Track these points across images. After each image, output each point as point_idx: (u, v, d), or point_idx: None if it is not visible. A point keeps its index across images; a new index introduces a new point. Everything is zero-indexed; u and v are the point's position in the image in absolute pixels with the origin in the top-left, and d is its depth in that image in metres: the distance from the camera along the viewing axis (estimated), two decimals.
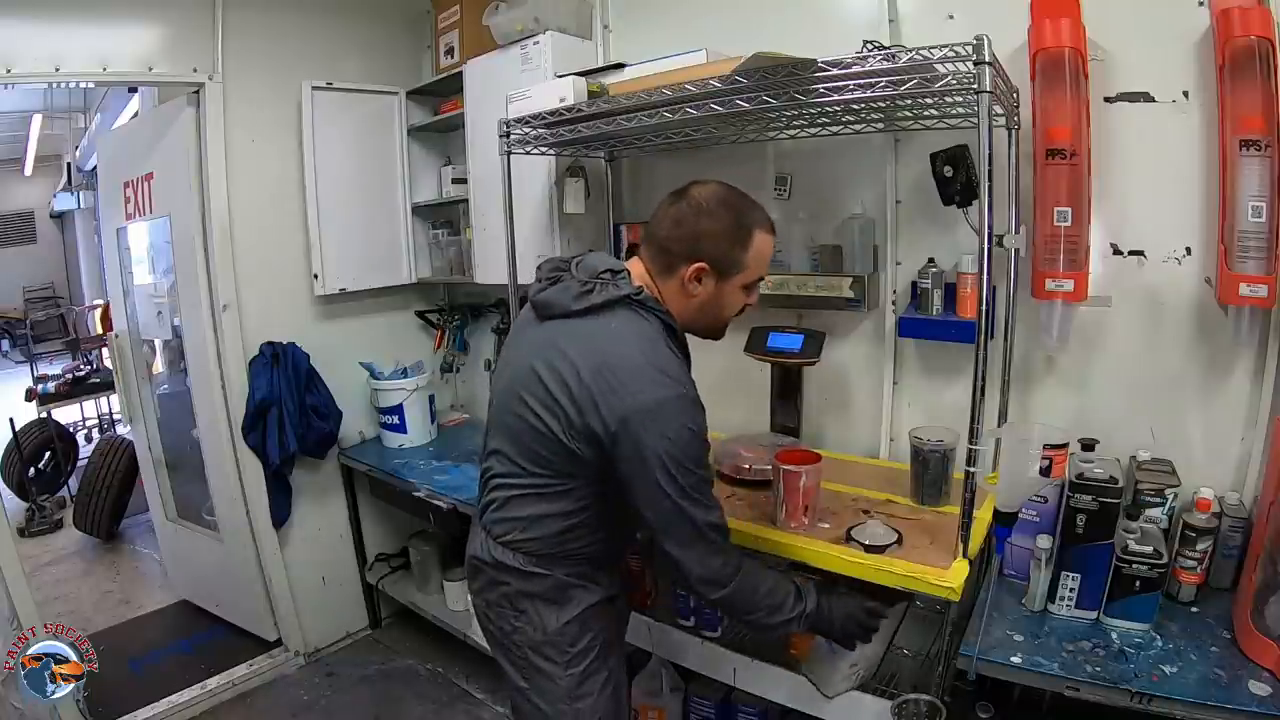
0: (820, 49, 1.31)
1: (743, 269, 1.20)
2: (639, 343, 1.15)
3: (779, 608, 1.22)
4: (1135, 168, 1.52)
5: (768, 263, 1.25)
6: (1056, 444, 1.42)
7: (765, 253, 1.23)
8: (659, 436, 1.09)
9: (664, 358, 1.15)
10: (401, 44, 2.74)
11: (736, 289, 1.23)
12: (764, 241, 1.22)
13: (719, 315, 1.26)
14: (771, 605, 1.21)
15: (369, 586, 2.81)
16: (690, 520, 1.13)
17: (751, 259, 1.20)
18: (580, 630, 1.28)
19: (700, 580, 1.17)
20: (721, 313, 1.25)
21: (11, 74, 1.95)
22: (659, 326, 1.18)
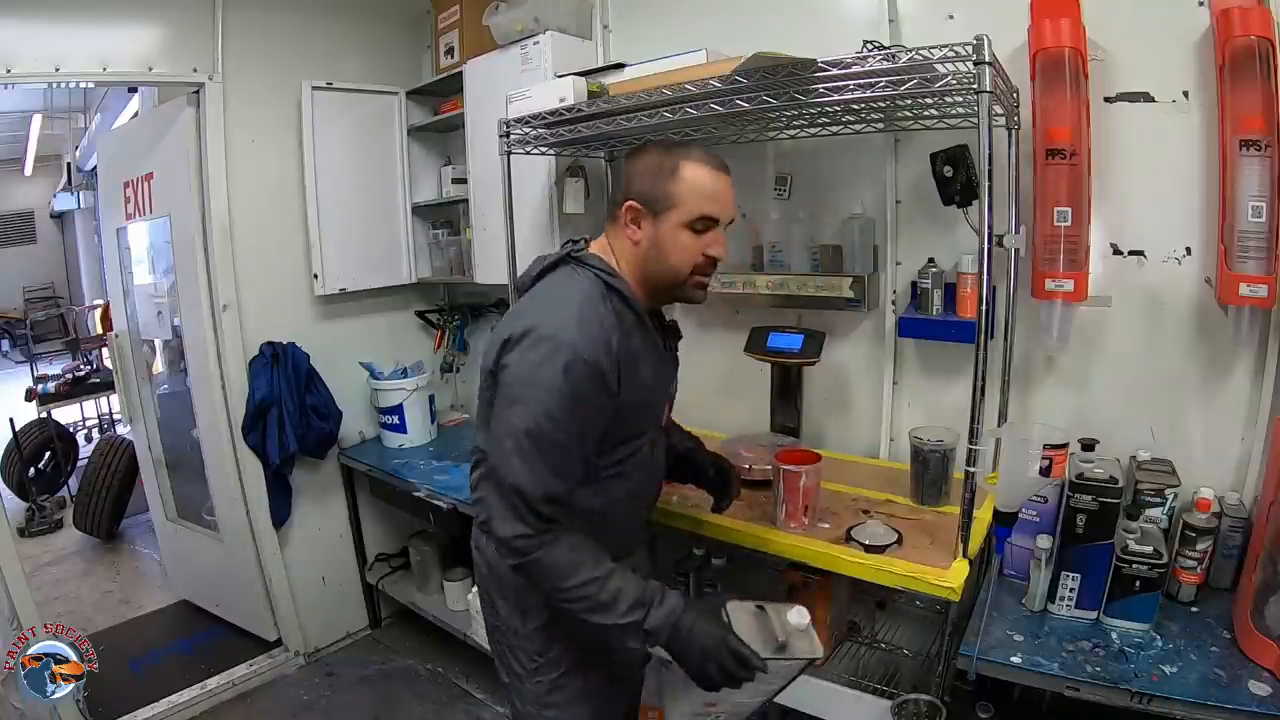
0: (820, 49, 1.31)
1: (675, 203, 1.11)
2: (560, 292, 1.14)
3: (604, 607, 1.06)
4: (1135, 168, 1.52)
5: (715, 201, 1.13)
6: (1056, 444, 1.42)
7: (704, 186, 1.12)
8: (527, 363, 1.05)
9: (577, 306, 1.10)
10: (401, 44, 2.74)
11: (676, 229, 1.12)
12: (700, 173, 1.12)
13: (665, 261, 1.14)
14: (592, 602, 1.06)
15: (369, 586, 2.81)
16: (510, 468, 1.04)
17: (684, 192, 1.11)
18: (546, 641, 1.24)
19: (498, 540, 1.09)
20: (667, 258, 1.14)
21: (11, 74, 1.95)
22: (594, 283, 1.14)
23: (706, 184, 1.12)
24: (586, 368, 1.05)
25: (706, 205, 1.12)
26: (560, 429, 1.05)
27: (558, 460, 1.06)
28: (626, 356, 1.11)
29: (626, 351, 1.11)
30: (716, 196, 1.13)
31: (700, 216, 1.12)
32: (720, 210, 1.14)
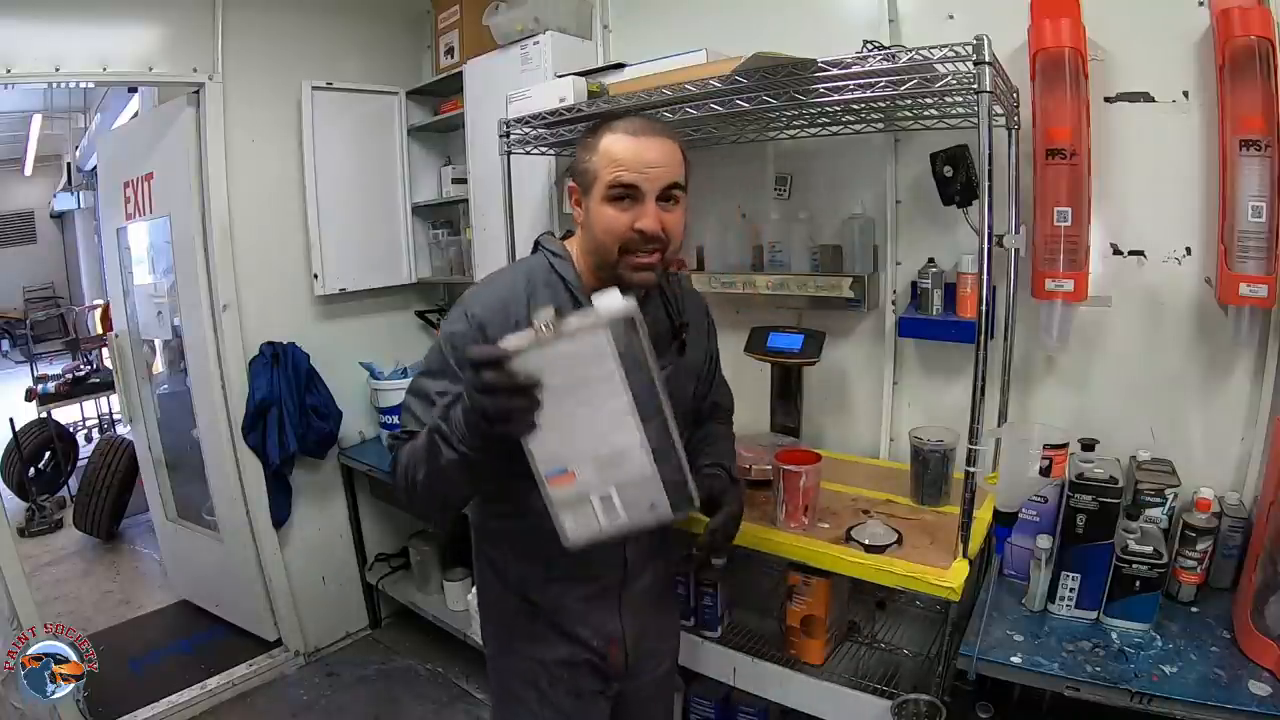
0: (820, 49, 1.31)
1: (595, 175, 1.06)
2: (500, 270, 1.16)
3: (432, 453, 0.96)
4: (1135, 168, 1.52)
5: (625, 166, 1.03)
6: (1056, 444, 1.42)
7: (616, 152, 1.04)
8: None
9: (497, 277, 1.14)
10: (401, 44, 2.74)
11: (600, 203, 1.06)
12: (613, 140, 1.05)
13: (597, 240, 1.07)
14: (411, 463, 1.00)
15: (369, 586, 2.81)
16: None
17: (600, 162, 1.05)
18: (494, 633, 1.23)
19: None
20: (597, 235, 1.07)
21: (11, 74, 1.95)
22: (537, 262, 1.14)
23: (618, 150, 1.04)
24: (467, 322, 1.05)
25: (618, 172, 1.03)
26: (435, 375, 1.06)
27: (422, 405, 1.06)
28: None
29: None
30: (630, 162, 1.03)
31: (613, 184, 1.04)
32: (637, 176, 1.03)
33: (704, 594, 1.72)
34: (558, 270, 1.11)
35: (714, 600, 1.71)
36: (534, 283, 1.10)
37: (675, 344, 1.19)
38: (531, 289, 1.08)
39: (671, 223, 1.07)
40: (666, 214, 1.06)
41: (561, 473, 0.83)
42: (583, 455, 0.83)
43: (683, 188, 1.09)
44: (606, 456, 0.84)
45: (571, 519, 0.86)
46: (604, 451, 0.83)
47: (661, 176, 1.05)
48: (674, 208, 1.08)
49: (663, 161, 1.05)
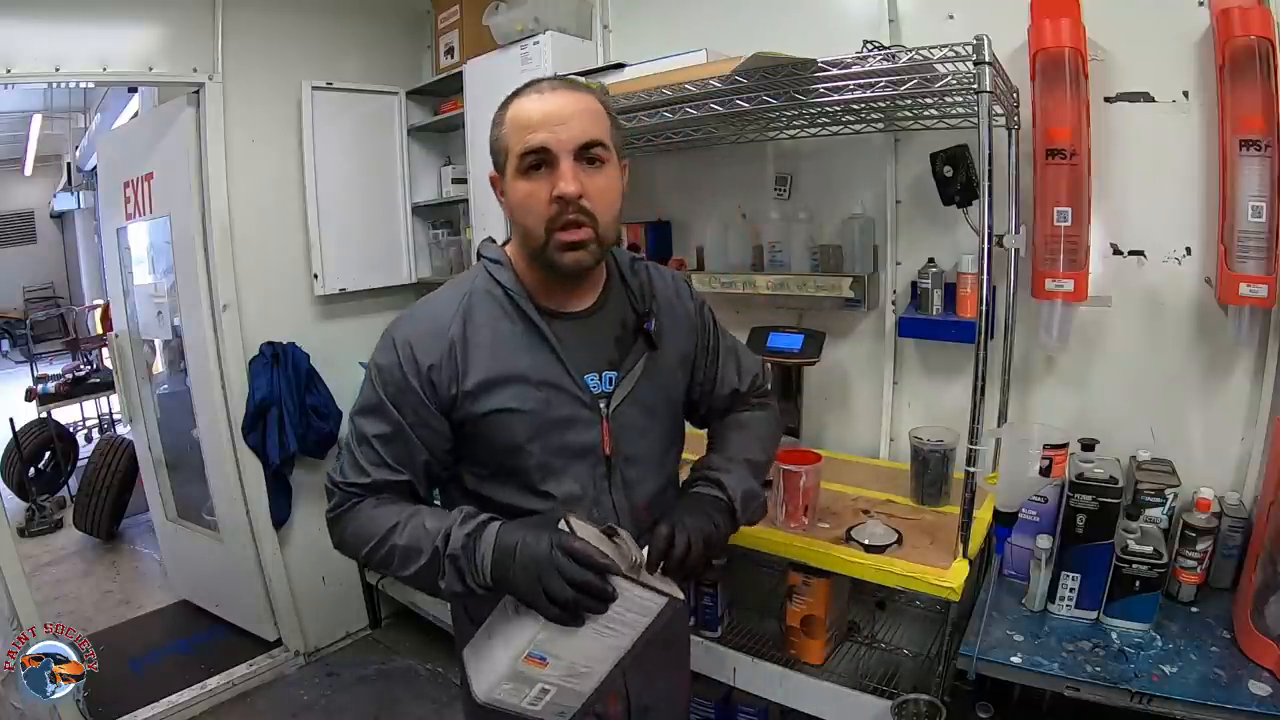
0: (820, 49, 1.31)
1: (505, 150, 0.93)
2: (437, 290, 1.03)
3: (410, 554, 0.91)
4: (1135, 168, 1.52)
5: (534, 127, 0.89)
6: (1056, 444, 1.42)
7: (520, 117, 0.91)
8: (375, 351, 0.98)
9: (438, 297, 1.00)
10: (401, 44, 2.74)
11: (514, 180, 0.92)
12: (517, 106, 0.93)
13: (521, 223, 0.94)
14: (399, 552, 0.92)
15: (369, 586, 2.81)
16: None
17: (506, 134, 0.93)
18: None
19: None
20: (518, 216, 0.94)
21: (11, 74, 1.95)
22: (478, 272, 1.01)
23: (524, 113, 0.91)
24: (395, 346, 0.94)
25: (525, 136, 0.89)
26: (368, 413, 0.96)
27: (362, 447, 0.97)
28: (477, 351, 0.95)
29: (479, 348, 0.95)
30: (535, 122, 0.89)
31: (524, 152, 0.89)
32: (547, 137, 0.88)
33: (704, 594, 1.72)
34: (495, 277, 0.98)
35: (714, 600, 1.71)
36: (471, 298, 0.98)
37: (643, 339, 1.03)
38: (468, 305, 0.97)
39: (597, 189, 0.91)
40: (590, 179, 0.90)
41: (541, 659, 0.86)
42: (565, 659, 0.86)
43: (606, 147, 0.93)
44: (579, 671, 0.88)
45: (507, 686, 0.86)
46: (580, 668, 0.88)
47: (575, 133, 0.89)
48: (599, 171, 0.92)
49: (575, 115, 0.90)
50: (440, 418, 0.95)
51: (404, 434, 0.95)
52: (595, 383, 0.99)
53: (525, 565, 0.83)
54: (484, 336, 0.95)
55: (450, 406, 0.95)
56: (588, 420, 0.98)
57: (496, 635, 0.88)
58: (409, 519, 0.93)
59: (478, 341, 0.95)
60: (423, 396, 0.94)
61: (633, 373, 1.01)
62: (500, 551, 0.86)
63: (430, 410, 0.94)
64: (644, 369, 1.03)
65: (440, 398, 0.94)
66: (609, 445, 1.00)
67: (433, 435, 0.96)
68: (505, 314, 0.97)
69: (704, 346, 1.15)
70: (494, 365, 0.95)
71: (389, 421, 0.95)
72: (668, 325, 1.07)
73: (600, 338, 1.01)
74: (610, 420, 0.99)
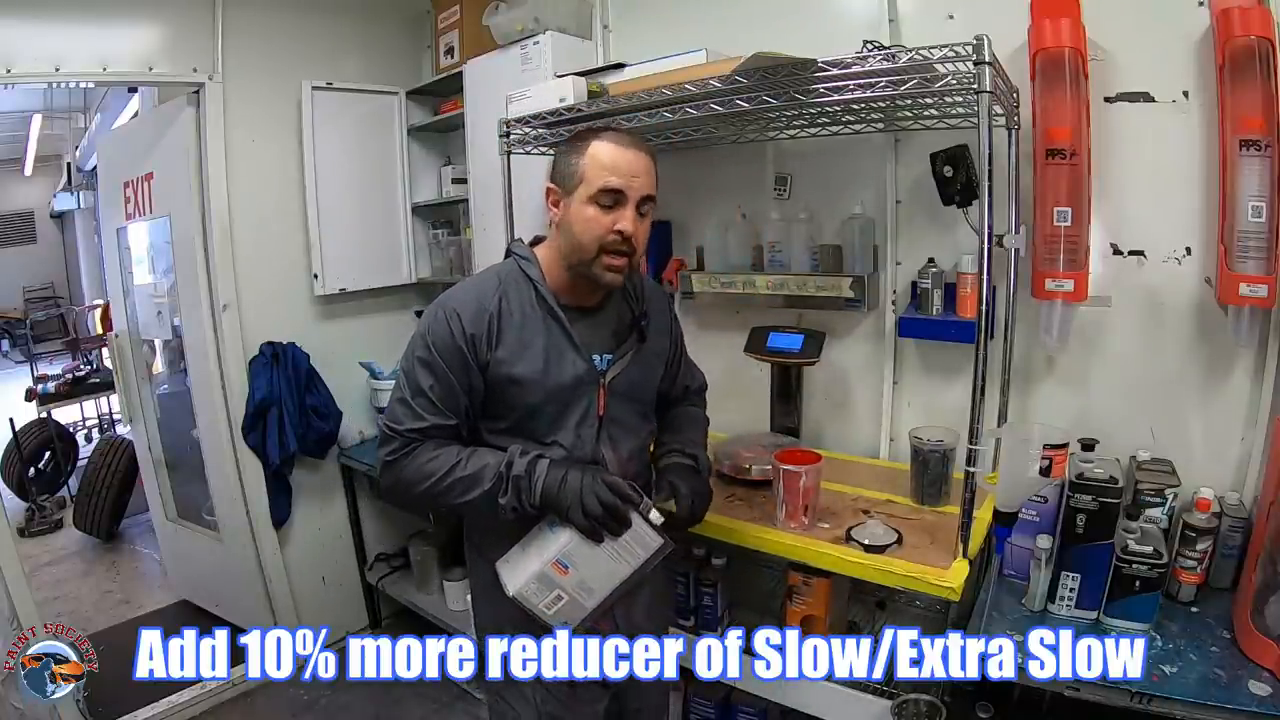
0: (820, 49, 1.31)
1: (581, 178, 1.15)
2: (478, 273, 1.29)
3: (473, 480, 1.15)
4: (1135, 168, 1.51)
5: (617, 173, 1.14)
6: (1056, 444, 1.42)
7: (606, 159, 1.14)
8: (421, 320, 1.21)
9: (481, 279, 1.24)
10: (401, 44, 2.74)
11: (581, 205, 1.16)
12: (603, 148, 1.15)
13: (576, 239, 1.17)
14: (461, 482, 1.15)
15: (369, 586, 2.81)
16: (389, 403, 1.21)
17: (587, 166, 1.15)
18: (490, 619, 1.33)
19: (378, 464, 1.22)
20: (576, 235, 1.17)
21: (11, 74, 1.95)
22: (507, 265, 1.26)
23: (608, 157, 1.15)
24: (445, 316, 1.16)
25: (607, 177, 1.14)
26: (422, 367, 1.17)
27: (413, 397, 1.17)
28: (509, 327, 1.18)
29: (511, 324, 1.18)
30: (618, 169, 1.14)
31: (602, 189, 1.14)
32: (624, 183, 1.15)
33: (704, 594, 1.72)
34: (525, 272, 1.22)
35: (714, 600, 1.71)
36: (505, 285, 1.21)
37: (635, 333, 1.30)
38: (503, 290, 1.20)
39: (641, 233, 1.19)
40: (639, 224, 1.18)
41: (565, 566, 1.14)
42: (581, 572, 1.15)
43: (654, 203, 1.21)
44: (588, 586, 1.16)
45: (534, 585, 1.14)
46: (590, 583, 1.16)
47: (642, 187, 1.17)
48: (644, 219, 1.19)
49: (644, 173, 1.17)
50: (477, 373, 1.18)
51: (450, 383, 1.17)
52: (598, 360, 1.25)
53: (573, 486, 1.13)
54: (515, 317, 1.19)
55: (485, 367, 1.18)
56: (589, 388, 1.24)
57: (531, 546, 1.17)
58: (469, 456, 1.17)
59: (510, 320, 1.19)
60: (466, 355, 1.16)
61: (625, 356, 1.28)
62: (551, 477, 1.15)
63: (471, 367, 1.17)
64: (634, 354, 1.29)
65: (479, 359, 1.17)
66: (603, 408, 1.26)
67: (470, 386, 1.19)
68: (532, 301, 1.21)
69: (674, 352, 1.45)
70: (521, 339, 1.19)
71: (437, 372, 1.16)
72: (653, 326, 1.34)
73: (603, 327, 1.28)
74: (606, 389, 1.25)
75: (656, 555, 1.17)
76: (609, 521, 1.12)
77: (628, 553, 1.15)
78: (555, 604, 1.15)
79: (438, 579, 2.58)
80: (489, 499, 1.15)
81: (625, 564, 1.16)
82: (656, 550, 1.17)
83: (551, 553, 1.13)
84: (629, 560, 1.16)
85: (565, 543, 1.13)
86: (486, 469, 1.16)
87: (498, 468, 1.15)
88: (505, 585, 1.15)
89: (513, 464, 1.16)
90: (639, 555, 1.16)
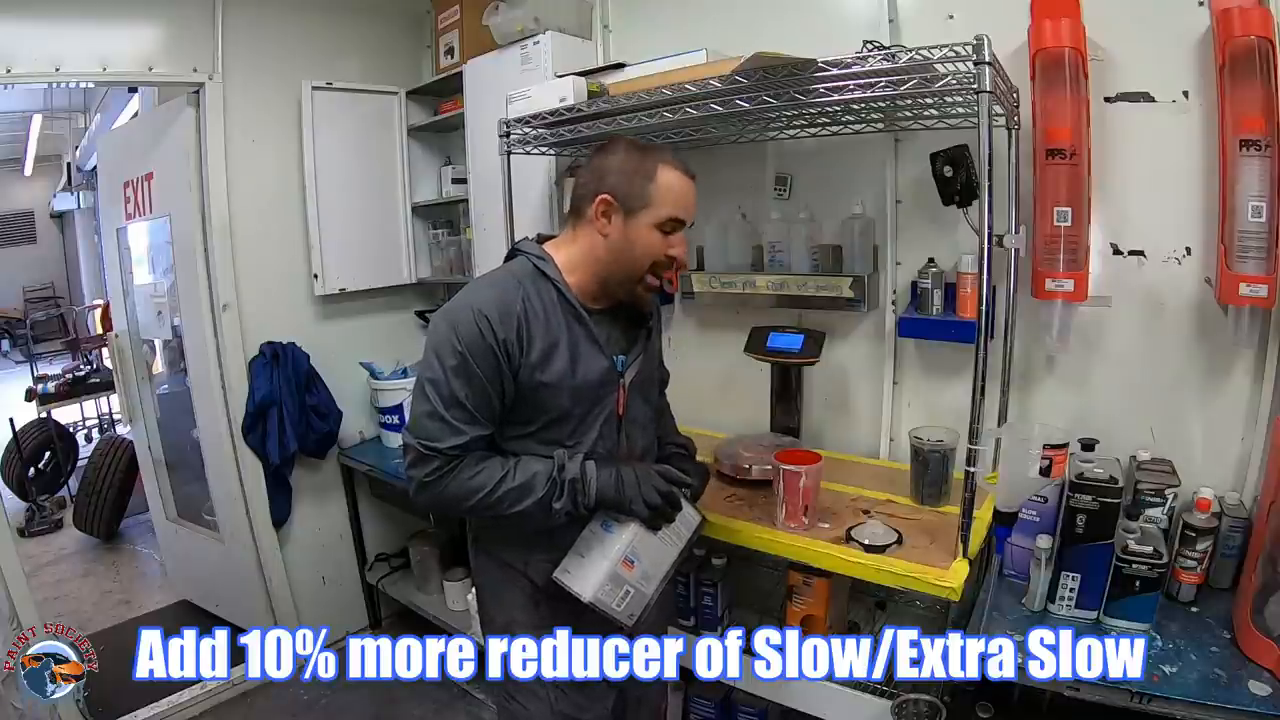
0: (820, 49, 1.31)
1: (649, 203, 1.18)
2: (489, 275, 1.25)
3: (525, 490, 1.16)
4: (1135, 168, 1.51)
5: (684, 205, 1.21)
6: (1056, 444, 1.42)
7: (677, 190, 1.19)
8: (436, 329, 1.17)
9: (493, 280, 1.21)
10: (401, 44, 2.74)
11: (646, 228, 1.19)
12: (674, 178, 1.19)
13: (631, 257, 1.20)
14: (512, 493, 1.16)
15: (369, 586, 2.81)
16: (412, 416, 1.18)
17: (658, 193, 1.18)
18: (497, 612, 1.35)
19: (410, 482, 1.19)
20: (634, 254, 1.20)
21: (11, 74, 1.95)
22: (523, 266, 1.23)
23: (679, 189, 1.20)
24: (473, 318, 1.12)
25: (678, 209, 1.20)
26: (456, 376, 1.13)
27: (447, 409, 1.14)
28: (536, 328, 1.16)
29: (538, 325, 1.17)
30: (687, 202, 1.21)
31: (671, 219, 1.19)
32: (688, 215, 1.22)
33: (704, 594, 1.72)
34: (544, 271, 1.21)
35: (714, 600, 1.71)
36: (527, 288, 1.19)
37: (643, 332, 1.33)
38: (527, 294, 1.18)
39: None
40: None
41: (632, 561, 1.19)
42: (645, 561, 1.21)
43: None
44: (649, 574, 1.22)
45: (608, 586, 1.18)
46: (650, 570, 1.22)
47: (694, 215, 1.25)
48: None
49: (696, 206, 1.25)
50: (510, 378, 1.16)
51: (485, 390, 1.15)
52: (617, 360, 1.26)
53: (630, 481, 1.19)
54: (540, 321, 1.18)
55: (516, 372, 1.16)
56: (611, 388, 1.26)
57: (593, 550, 1.20)
58: (515, 467, 1.18)
59: (536, 324, 1.17)
60: (499, 359, 1.14)
61: (638, 356, 1.30)
62: (604, 478, 1.19)
63: (505, 371, 1.15)
64: (644, 354, 1.32)
65: (512, 364, 1.15)
66: (622, 407, 1.28)
67: (503, 391, 1.17)
68: (553, 303, 1.20)
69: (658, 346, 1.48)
70: (547, 341, 1.18)
71: (472, 379, 1.13)
72: (656, 325, 1.39)
73: (617, 329, 1.29)
74: (626, 389, 1.27)
75: (696, 532, 1.29)
76: (667, 509, 1.20)
77: (675, 535, 1.24)
78: (624, 600, 1.19)
79: (438, 579, 2.58)
80: (542, 506, 1.17)
81: (674, 546, 1.25)
82: (697, 527, 1.29)
83: (619, 551, 1.18)
84: (676, 542, 1.25)
85: (631, 538, 1.18)
86: (537, 477, 1.17)
87: (549, 474, 1.17)
88: (579, 593, 1.17)
89: (564, 467, 1.18)
90: (684, 535, 1.26)
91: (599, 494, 1.18)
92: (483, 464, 1.17)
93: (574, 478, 1.17)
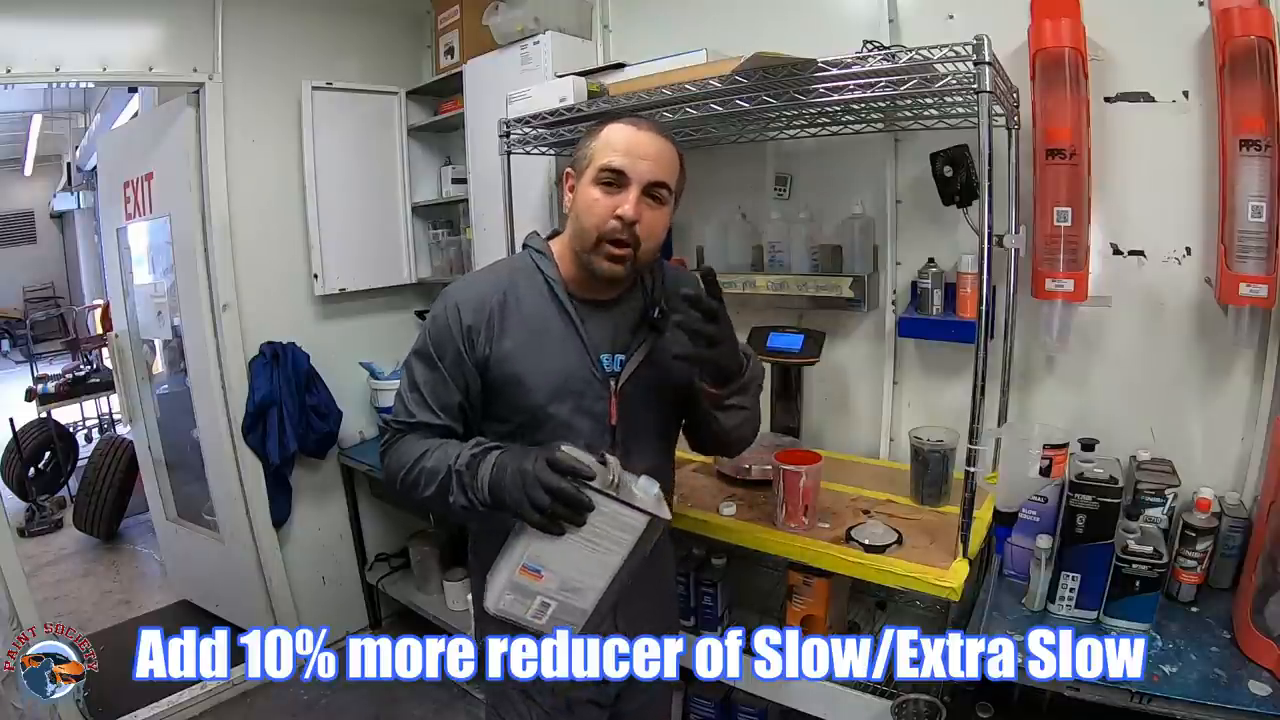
0: (820, 49, 1.31)
1: (589, 159, 1.09)
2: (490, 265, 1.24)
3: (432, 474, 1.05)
4: (1135, 168, 1.51)
5: (620, 151, 1.06)
6: (1056, 444, 1.42)
7: (613, 139, 1.07)
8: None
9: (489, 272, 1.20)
10: (401, 44, 2.74)
11: (588, 185, 1.08)
12: (614, 129, 1.09)
13: (579, 222, 1.09)
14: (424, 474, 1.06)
15: (369, 586, 2.81)
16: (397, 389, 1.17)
17: (595, 145, 1.09)
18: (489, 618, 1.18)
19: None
20: (579, 218, 1.09)
21: (11, 74, 1.95)
22: (521, 258, 1.20)
23: (616, 137, 1.08)
24: (445, 307, 1.11)
25: (611, 156, 1.06)
26: (417, 361, 1.13)
27: (412, 393, 1.13)
28: (513, 320, 1.11)
29: (515, 317, 1.11)
30: (623, 148, 1.06)
31: (605, 167, 1.06)
32: (628, 163, 1.05)
33: (704, 594, 1.72)
34: (539, 266, 1.16)
35: (714, 600, 1.71)
36: (515, 279, 1.15)
37: (645, 326, 1.17)
38: (512, 285, 1.14)
39: (651, 221, 1.07)
40: (649, 211, 1.07)
41: (535, 570, 0.95)
42: (559, 572, 0.95)
43: (670, 190, 1.10)
44: (574, 586, 0.96)
45: (510, 596, 0.97)
46: (575, 583, 0.96)
47: (651, 171, 1.06)
48: (658, 208, 1.08)
49: (655, 156, 1.07)
50: (472, 369, 1.11)
51: (443, 378, 1.11)
52: (608, 362, 1.14)
53: (514, 476, 0.95)
54: (522, 311, 1.12)
55: (484, 364, 1.11)
56: (598, 392, 1.13)
57: (503, 554, 0.98)
58: (437, 448, 1.08)
59: (515, 314, 1.11)
60: (460, 347, 1.10)
61: (636, 355, 1.15)
62: (498, 469, 0.99)
63: (465, 360, 1.10)
64: (647, 352, 1.16)
65: (475, 354, 1.10)
66: (615, 416, 1.14)
67: (464, 380, 1.12)
68: (542, 295, 1.13)
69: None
70: (526, 335, 1.11)
71: (431, 364, 1.11)
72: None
73: (617, 324, 1.16)
74: (617, 395, 1.14)
75: (649, 533, 0.94)
76: (562, 509, 0.90)
77: (608, 539, 0.93)
78: (544, 612, 0.97)
79: (438, 579, 2.58)
80: (440, 493, 1.04)
81: (612, 552, 0.94)
82: (644, 531, 0.93)
83: (515, 558, 0.95)
84: (613, 547, 0.94)
85: (525, 545, 0.94)
86: (443, 461, 1.04)
87: (449, 461, 1.04)
88: (484, 601, 0.98)
89: (461, 456, 1.02)
90: (624, 540, 0.93)
91: (491, 490, 0.98)
92: (418, 441, 1.11)
93: (461, 469, 1.01)
